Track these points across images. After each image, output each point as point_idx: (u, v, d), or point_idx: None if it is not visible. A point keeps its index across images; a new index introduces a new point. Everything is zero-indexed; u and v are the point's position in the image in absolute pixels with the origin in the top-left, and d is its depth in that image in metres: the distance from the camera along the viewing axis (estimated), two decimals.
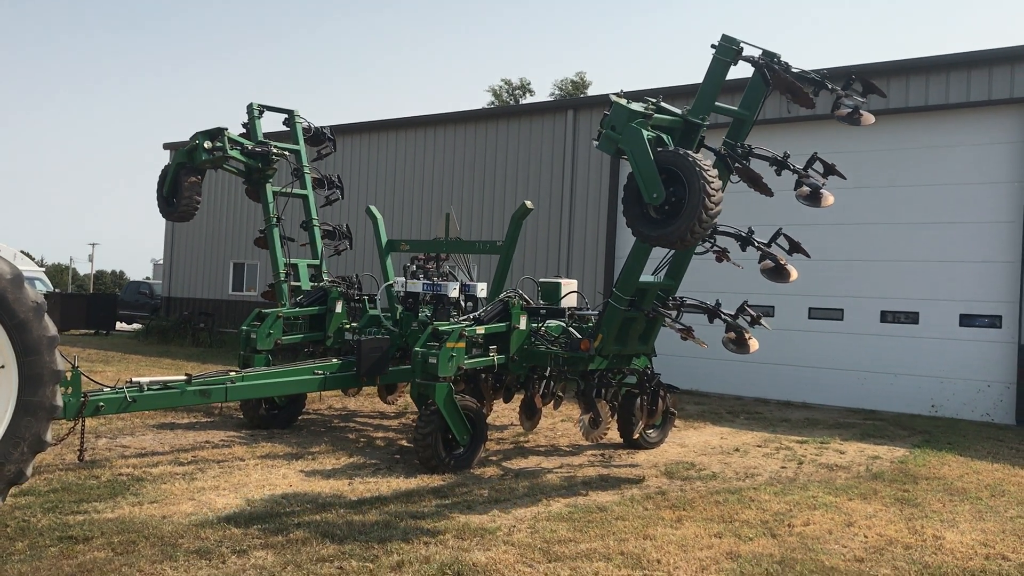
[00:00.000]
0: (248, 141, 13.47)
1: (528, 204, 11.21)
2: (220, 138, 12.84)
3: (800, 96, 8.86)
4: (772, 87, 9.17)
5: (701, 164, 7.79)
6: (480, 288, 11.49)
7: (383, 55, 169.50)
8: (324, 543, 6.52)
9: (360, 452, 10.25)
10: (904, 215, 16.30)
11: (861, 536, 7.34)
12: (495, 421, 12.81)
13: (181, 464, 9.19)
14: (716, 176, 7.88)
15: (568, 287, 11.19)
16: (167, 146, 29.21)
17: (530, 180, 21.04)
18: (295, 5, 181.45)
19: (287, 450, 10.14)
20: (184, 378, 9.04)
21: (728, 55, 9.05)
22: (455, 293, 11.33)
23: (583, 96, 45.94)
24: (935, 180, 16.02)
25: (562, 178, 20.40)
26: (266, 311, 11.92)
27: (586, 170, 20.06)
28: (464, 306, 11.49)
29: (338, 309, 12.29)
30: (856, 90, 9.31)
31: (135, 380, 8.70)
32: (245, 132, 13.97)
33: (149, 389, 8.72)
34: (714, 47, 9.13)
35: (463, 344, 9.54)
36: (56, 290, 35.61)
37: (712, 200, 7.75)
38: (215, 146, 12.74)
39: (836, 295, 16.95)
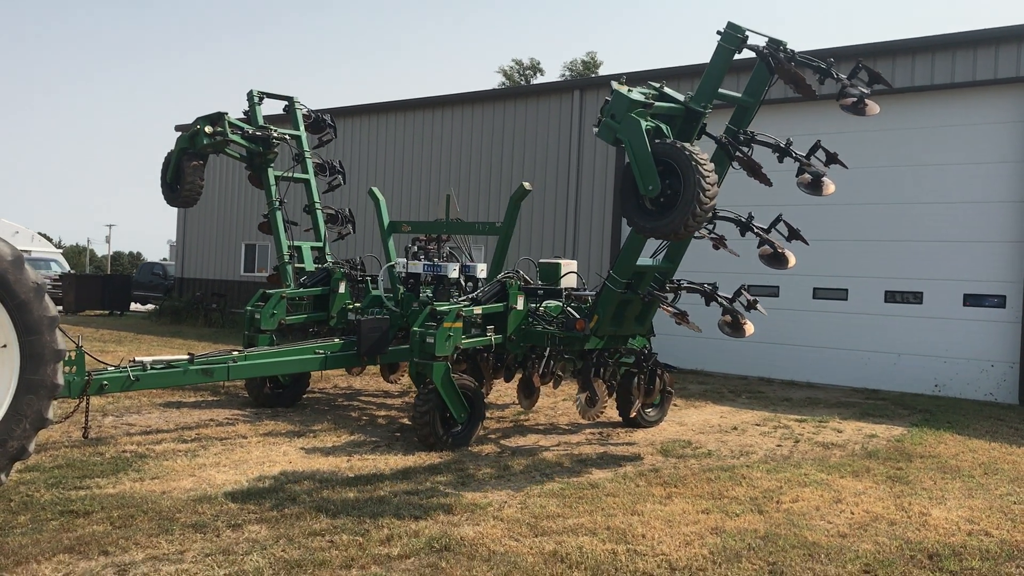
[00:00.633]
0: (248, 125, 13.60)
1: (526, 185, 11.29)
2: (221, 123, 12.97)
3: (803, 88, 8.86)
4: (777, 77, 9.17)
5: (697, 158, 7.83)
6: (480, 269, 11.61)
7: (393, 36, 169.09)
8: (318, 517, 6.69)
9: (361, 430, 10.42)
10: (908, 195, 16.26)
11: (848, 512, 7.44)
12: (496, 400, 12.97)
13: (184, 442, 9.38)
14: (712, 170, 7.93)
15: (567, 268, 11.28)
16: (178, 128, 29.38)
17: (536, 161, 21.08)
18: None
19: (289, 428, 10.32)
20: (186, 357, 9.23)
21: (733, 43, 9.02)
22: (455, 274, 11.45)
23: (590, 76, 45.81)
24: (940, 160, 15.97)
25: (568, 159, 20.43)
26: (270, 291, 12.09)
27: (592, 151, 20.08)
28: (465, 287, 11.62)
29: (341, 290, 12.44)
30: (862, 79, 9.27)
31: (138, 359, 8.88)
32: (246, 119, 14.10)
33: (152, 368, 8.90)
34: (720, 33, 9.12)
35: (460, 324, 9.67)
36: (71, 271, 35.95)
37: (707, 194, 7.80)
38: (216, 131, 12.87)
39: (840, 275, 16.96)
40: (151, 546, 5.91)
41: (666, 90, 9.14)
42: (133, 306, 33.00)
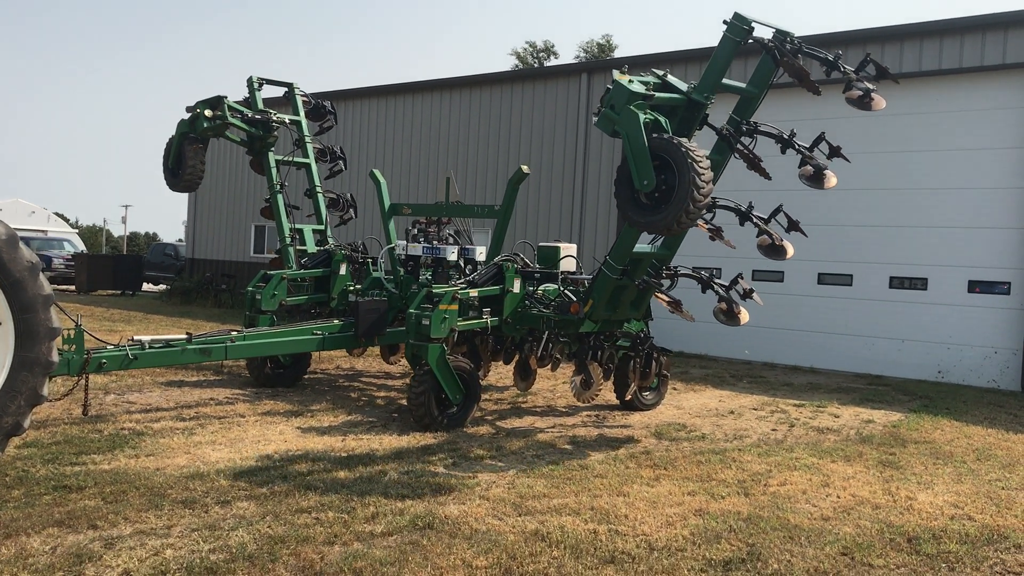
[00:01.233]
0: (248, 109, 13.69)
1: (524, 169, 11.31)
2: (220, 107, 13.05)
3: (807, 83, 8.81)
4: (782, 70, 9.10)
5: (693, 155, 7.82)
6: (479, 251, 11.67)
7: (408, 17, 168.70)
8: (306, 495, 6.79)
9: (359, 410, 10.52)
10: (914, 180, 16.18)
11: (834, 496, 7.48)
12: (497, 382, 13.06)
13: (183, 420, 9.51)
14: (707, 167, 7.91)
15: (565, 251, 11.31)
16: (189, 109, 29.46)
17: (543, 144, 21.07)
18: None
19: (288, 408, 10.44)
20: (185, 337, 9.34)
21: (739, 35, 8.96)
22: (454, 256, 11.52)
23: (599, 59, 45.59)
24: (945, 145, 15.87)
25: (575, 142, 20.42)
26: (271, 272, 12.20)
27: (599, 135, 20.02)
28: (464, 269, 11.68)
29: (342, 271, 12.53)
30: (869, 73, 9.20)
31: (137, 338, 9.00)
32: (246, 104, 14.19)
33: (151, 347, 9.02)
34: (726, 23, 9.06)
35: (456, 306, 9.74)
36: (83, 251, 36.25)
37: (701, 192, 7.80)
38: (216, 114, 12.96)
39: (845, 261, 16.92)
40: (139, 521, 6.03)
41: (669, 79, 9.07)
42: (145, 286, 33.28)
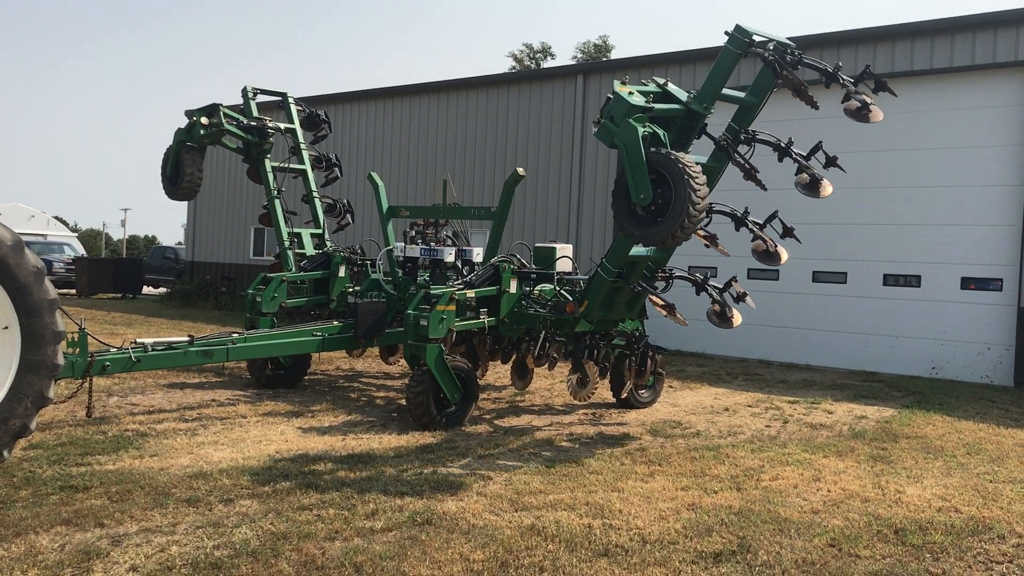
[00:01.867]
0: (243, 117, 13.89)
1: (520, 171, 11.47)
2: (216, 114, 13.26)
3: (805, 98, 8.92)
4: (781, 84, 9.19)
5: (689, 170, 7.93)
6: (476, 253, 11.83)
7: (405, 20, 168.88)
8: (307, 493, 6.94)
9: (359, 410, 10.67)
10: (907, 178, 16.35)
11: (824, 490, 7.64)
12: (495, 381, 13.21)
13: (185, 421, 9.66)
14: (703, 183, 8.03)
15: (561, 252, 11.46)
16: (188, 113, 29.64)
17: (540, 146, 21.22)
18: None
19: (289, 408, 10.59)
20: (187, 339, 9.49)
21: (739, 47, 9.06)
22: (451, 258, 11.67)
23: (594, 61, 45.71)
24: (938, 143, 16.03)
25: (572, 144, 20.57)
26: (271, 275, 12.36)
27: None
28: (461, 270, 11.84)
29: (341, 273, 12.69)
30: (868, 85, 9.25)
31: (140, 341, 9.16)
32: (241, 113, 14.40)
33: (153, 350, 9.17)
34: (727, 34, 9.16)
35: (453, 307, 9.89)
36: (83, 255, 36.38)
37: (697, 207, 7.92)
38: (212, 122, 13.16)
39: (839, 258, 17.09)
40: (145, 519, 6.18)
41: (670, 87, 9.13)
42: (145, 289, 33.42)
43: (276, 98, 15.19)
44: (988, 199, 15.49)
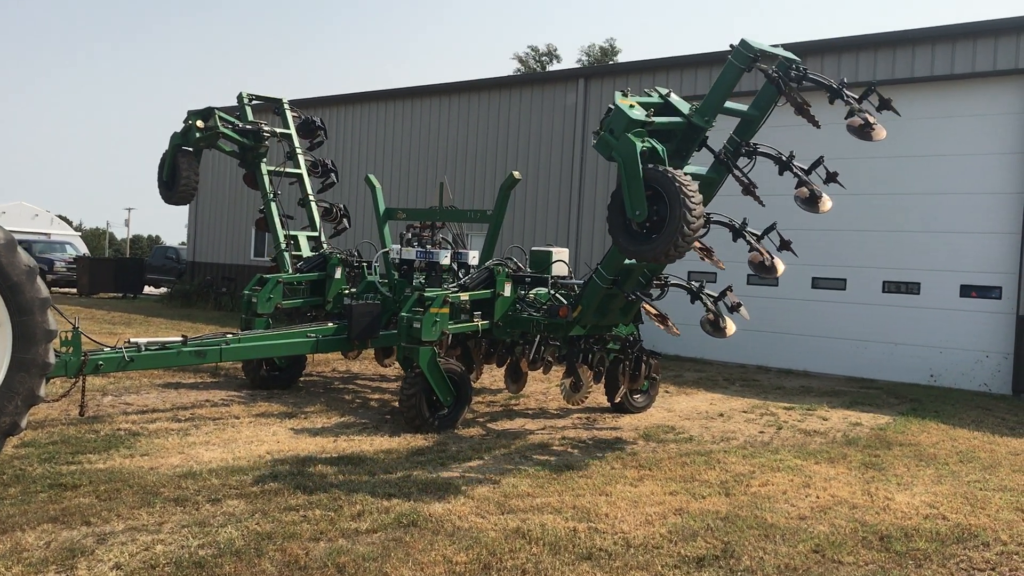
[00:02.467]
0: (238, 121, 13.97)
1: (516, 174, 11.49)
2: (211, 118, 13.32)
3: (807, 116, 8.87)
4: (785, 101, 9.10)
5: (686, 189, 7.93)
6: (472, 256, 11.84)
7: (412, 22, 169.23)
8: (295, 494, 6.96)
9: (353, 412, 10.69)
10: (907, 186, 16.33)
11: (813, 497, 7.64)
12: (491, 385, 13.22)
13: (178, 421, 9.69)
14: (699, 202, 8.03)
15: (557, 255, 11.47)
16: (191, 114, 29.70)
17: (541, 149, 21.23)
18: None
19: (282, 409, 10.61)
20: (180, 339, 9.51)
21: (743, 62, 9.01)
22: (447, 260, 11.69)
23: (596, 65, 45.73)
24: (938, 151, 16.02)
25: (572, 147, 20.58)
26: (267, 276, 12.39)
27: None
28: (457, 273, 11.85)
29: (337, 275, 12.72)
30: (872, 103, 9.16)
31: (133, 340, 9.18)
32: (237, 118, 14.50)
33: (147, 349, 9.19)
34: (732, 47, 9.11)
35: (447, 310, 9.90)
36: (84, 254, 36.48)
37: (691, 227, 7.92)
38: (208, 125, 13.22)
39: (839, 265, 17.07)
40: (132, 517, 6.20)
41: (672, 99, 9.09)
42: (147, 289, 33.49)
43: (273, 103, 15.27)
44: (988, 207, 15.47)
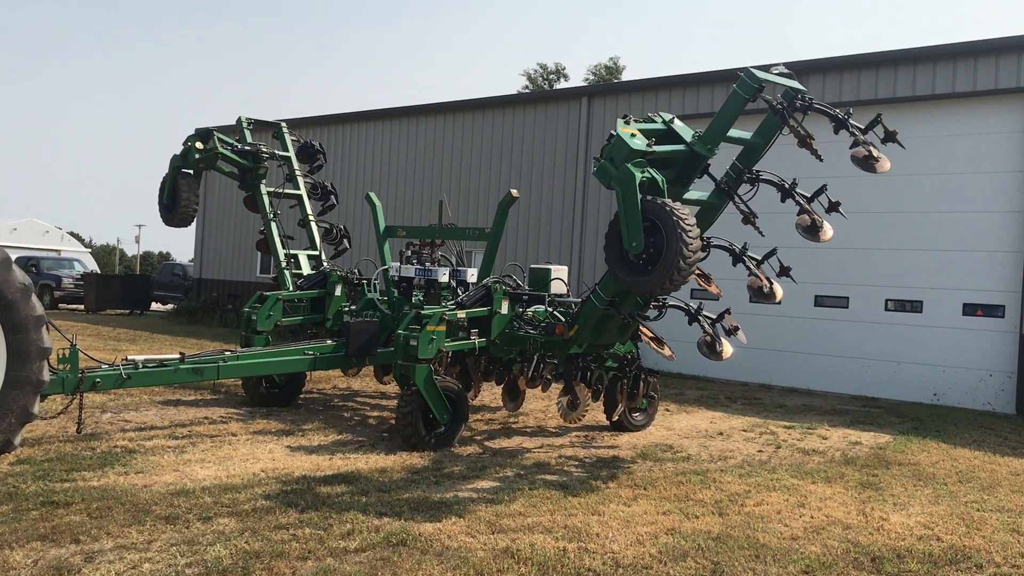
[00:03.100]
0: (237, 143, 14.10)
1: (514, 192, 11.53)
2: (211, 139, 13.44)
3: (810, 150, 8.85)
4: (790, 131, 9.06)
5: (683, 224, 7.91)
6: (471, 273, 11.86)
7: (421, 40, 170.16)
8: (286, 512, 6.95)
9: (350, 430, 10.69)
10: (909, 204, 16.31)
11: (807, 517, 7.59)
12: (490, 402, 13.20)
13: (175, 438, 9.70)
14: (696, 236, 8.02)
15: (555, 273, 11.48)
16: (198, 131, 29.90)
17: (544, 167, 21.29)
18: None
19: (280, 427, 10.61)
20: (178, 357, 9.55)
21: (748, 92, 8.97)
22: (445, 278, 11.71)
23: (599, 83, 45.85)
24: (941, 169, 16.01)
25: (575, 165, 20.63)
26: (267, 293, 12.44)
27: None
28: (456, 290, 11.87)
29: (337, 292, 12.77)
30: (877, 135, 9.13)
31: (131, 358, 9.23)
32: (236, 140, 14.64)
33: (144, 366, 9.24)
34: (738, 72, 9.08)
35: (444, 327, 9.91)
36: (91, 271, 36.66)
37: (687, 261, 7.92)
38: (207, 147, 13.34)
39: (842, 283, 17.03)
40: (121, 536, 6.21)
41: (675, 125, 9.05)
42: (154, 306, 33.62)
43: (272, 127, 15.43)
44: (991, 225, 15.44)
